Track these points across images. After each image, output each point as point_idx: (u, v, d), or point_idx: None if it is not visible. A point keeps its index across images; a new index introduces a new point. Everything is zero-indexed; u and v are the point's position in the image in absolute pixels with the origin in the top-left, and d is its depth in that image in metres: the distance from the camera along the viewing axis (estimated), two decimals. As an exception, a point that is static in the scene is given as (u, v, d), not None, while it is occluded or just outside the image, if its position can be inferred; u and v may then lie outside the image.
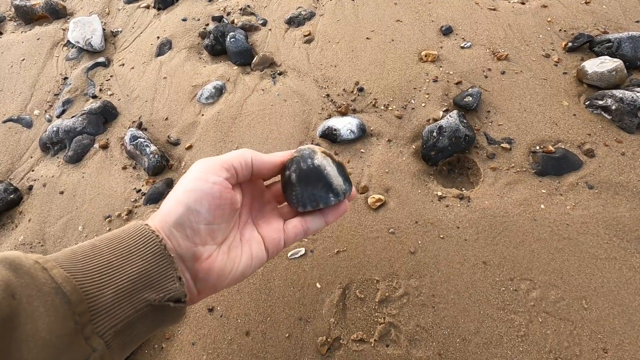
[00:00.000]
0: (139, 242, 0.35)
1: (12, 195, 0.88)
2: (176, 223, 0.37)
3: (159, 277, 0.34)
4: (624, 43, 0.84)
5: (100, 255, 0.33)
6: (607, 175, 0.71)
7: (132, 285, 0.32)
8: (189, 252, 0.37)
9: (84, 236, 0.79)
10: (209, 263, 0.38)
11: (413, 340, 0.59)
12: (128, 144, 0.89)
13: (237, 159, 0.41)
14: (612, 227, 0.66)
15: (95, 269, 0.31)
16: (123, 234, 0.35)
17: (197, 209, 0.37)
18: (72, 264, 0.31)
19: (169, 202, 0.38)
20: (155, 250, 0.34)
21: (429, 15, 1.04)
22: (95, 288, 0.30)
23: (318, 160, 0.43)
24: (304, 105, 0.91)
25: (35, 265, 0.29)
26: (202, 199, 0.37)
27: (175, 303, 0.34)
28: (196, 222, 0.37)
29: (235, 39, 1.04)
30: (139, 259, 0.34)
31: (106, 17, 1.30)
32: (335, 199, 0.43)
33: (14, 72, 1.18)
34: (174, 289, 0.34)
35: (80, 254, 0.32)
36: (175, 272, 0.35)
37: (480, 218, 0.69)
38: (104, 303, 0.30)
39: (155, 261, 0.34)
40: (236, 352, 0.61)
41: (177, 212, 0.37)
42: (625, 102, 0.75)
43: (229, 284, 0.40)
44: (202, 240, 0.38)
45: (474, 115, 0.83)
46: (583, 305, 0.59)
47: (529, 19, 0.98)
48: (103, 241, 0.34)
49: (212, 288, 0.39)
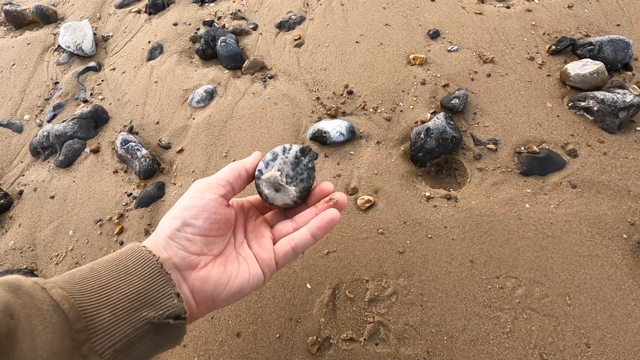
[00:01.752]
0: (136, 263, 0.35)
1: (2, 200, 0.87)
2: (172, 234, 0.38)
3: (157, 295, 0.34)
4: (605, 46, 0.86)
5: (98, 277, 0.33)
6: (590, 174, 0.73)
7: (130, 304, 0.33)
8: (184, 261, 0.38)
9: (75, 240, 0.79)
10: (206, 272, 0.39)
11: (402, 339, 0.60)
12: (119, 148, 0.89)
13: (231, 173, 0.43)
14: (594, 225, 0.67)
15: (93, 289, 0.32)
16: (120, 257, 0.36)
17: (193, 222, 0.39)
18: (70, 286, 0.31)
19: (166, 219, 0.40)
20: (153, 269, 0.35)
21: (416, 20, 1.06)
22: (93, 308, 0.31)
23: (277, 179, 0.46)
24: (294, 108, 0.92)
25: (35, 285, 0.30)
26: (198, 214, 0.39)
27: (175, 320, 0.35)
28: (192, 233, 0.39)
29: (226, 43, 1.05)
30: (136, 278, 0.34)
31: (97, 22, 1.31)
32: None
33: (4, 77, 1.18)
34: (172, 305, 0.34)
35: (79, 277, 0.33)
36: (173, 289, 0.35)
37: (467, 218, 0.70)
38: (102, 322, 0.31)
39: (152, 280, 0.35)
40: (227, 353, 0.61)
41: (173, 226, 0.38)
42: (607, 103, 0.77)
43: (227, 299, 0.40)
44: (197, 250, 0.39)
45: (460, 117, 0.84)
46: (567, 301, 0.61)
47: (513, 23, 1.01)
48: (101, 264, 0.35)
49: (210, 300, 0.39)
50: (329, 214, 0.43)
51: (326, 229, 0.43)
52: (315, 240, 0.44)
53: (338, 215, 0.43)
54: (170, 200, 0.81)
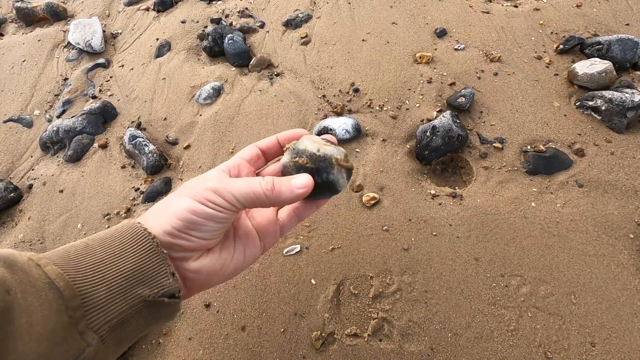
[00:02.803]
0: (132, 240, 0.35)
1: (12, 194, 0.89)
2: (170, 233, 0.36)
3: (153, 273, 0.34)
4: (614, 45, 0.86)
5: (93, 254, 0.33)
6: (597, 174, 0.73)
7: (126, 282, 0.33)
8: (177, 255, 0.37)
9: (83, 234, 0.80)
10: (199, 263, 0.38)
11: (406, 335, 0.60)
12: (127, 143, 0.90)
13: (255, 196, 0.37)
14: (600, 225, 0.67)
15: (88, 266, 0.32)
16: (116, 233, 0.35)
17: (196, 228, 0.36)
18: (65, 262, 0.31)
19: (166, 212, 0.36)
20: (148, 247, 0.35)
21: (423, 18, 1.06)
22: (88, 285, 0.31)
23: (333, 175, 0.40)
24: (300, 105, 0.92)
25: (29, 262, 0.30)
26: (204, 222, 0.36)
27: (170, 298, 0.35)
28: (193, 236, 0.36)
29: (233, 41, 1.06)
30: (131, 256, 0.34)
31: (106, 19, 1.32)
32: (334, 195, 0.42)
33: (15, 73, 1.20)
34: (167, 284, 0.34)
35: (74, 253, 0.33)
36: (168, 268, 0.35)
37: (473, 216, 0.70)
38: (97, 299, 0.31)
39: (148, 257, 0.34)
40: (232, 346, 0.62)
41: (173, 225, 0.36)
42: (615, 102, 0.77)
43: (220, 282, 0.40)
44: (194, 247, 0.37)
45: (467, 116, 0.84)
46: (572, 300, 0.60)
47: (521, 22, 1.00)
48: (96, 240, 0.35)
49: (202, 286, 0.39)
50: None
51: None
52: (317, 207, 0.44)
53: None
54: (177, 195, 0.82)
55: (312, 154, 0.39)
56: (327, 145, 0.40)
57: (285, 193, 0.38)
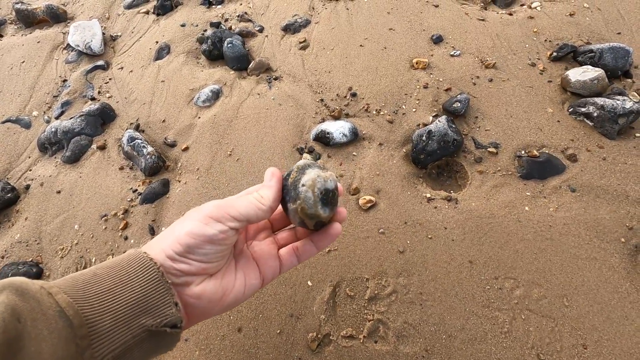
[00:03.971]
0: (137, 270, 0.36)
1: (9, 194, 0.89)
2: (172, 257, 0.37)
3: (157, 303, 0.35)
4: (606, 53, 0.88)
5: (101, 283, 0.34)
6: (589, 179, 0.74)
7: (131, 311, 0.33)
8: (179, 279, 0.37)
9: (80, 235, 0.80)
10: (201, 288, 0.38)
11: (401, 337, 0.60)
12: (125, 145, 0.91)
13: (255, 212, 0.39)
14: (592, 229, 0.68)
15: (95, 295, 0.33)
16: (122, 262, 0.36)
17: (196, 251, 0.37)
18: (74, 291, 0.32)
19: (170, 237, 0.38)
20: (154, 277, 0.35)
21: (420, 25, 1.07)
22: (95, 313, 0.31)
23: (314, 210, 0.40)
24: (298, 109, 0.93)
25: (41, 290, 0.30)
26: (203, 244, 0.37)
27: (172, 329, 0.35)
28: (193, 260, 0.37)
29: (232, 45, 1.07)
30: (137, 285, 0.35)
31: (106, 22, 1.33)
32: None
33: (14, 74, 1.20)
34: (170, 314, 0.35)
35: (82, 281, 0.33)
36: (172, 298, 0.36)
37: (467, 219, 0.71)
38: (103, 328, 0.31)
39: (152, 287, 0.35)
40: (228, 347, 0.62)
41: (175, 248, 0.37)
42: (607, 109, 0.78)
43: (220, 311, 0.40)
44: (195, 271, 0.38)
45: (462, 121, 0.86)
46: (564, 303, 0.61)
47: (516, 30, 1.02)
48: (103, 269, 0.35)
49: (202, 314, 0.39)
50: (333, 229, 0.43)
51: (329, 241, 0.44)
52: (318, 250, 0.45)
53: (340, 228, 0.44)
54: (174, 197, 0.83)
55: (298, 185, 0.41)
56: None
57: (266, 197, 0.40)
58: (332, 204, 0.41)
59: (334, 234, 0.43)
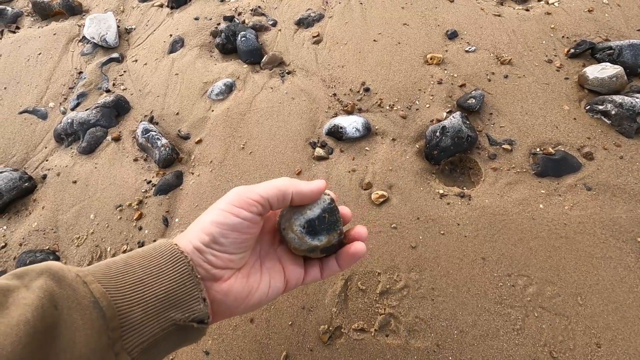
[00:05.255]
0: (169, 262, 0.36)
1: (27, 184, 0.91)
2: (199, 248, 0.37)
3: (186, 297, 0.35)
4: (625, 50, 0.86)
5: (133, 273, 0.34)
6: (605, 177, 0.73)
7: (161, 304, 0.33)
8: (208, 273, 0.38)
9: (96, 224, 0.82)
10: (228, 285, 0.39)
11: (412, 331, 0.61)
12: (140, 136, 0.92)
13: (276, 194, 0.39)
14: (608, 228, 0.67)
15: (127, 285, 0.33)
16: (154, 252, 0.37)
17: (221, 241, 0.38)
18: (107, 279, 0.32)
19: (196, 228, 0.38)
20: (184, 270, 0.36)
21: (435, 20, 1.06)
22: (126, 305, 0.32)
23: (306, 245, 0.41)
24: (311, 103, 0.93)
25: (77, 278, 0.31)
26: (228, 233, 0.37)
27: (199, 324, 0.35)
28: (219, 250, 0.38)
29: (245, 38, 1.07)
30: (167, 278, 0.35)
31: (121, 15, 1.34)
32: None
33: (31, 66, 1.22)
34: (198, 309, 0.35)
35: (115, 270, 0.34)
36: (200, 293, 0.36)
37: (480, 216, 0.71)
38: (134, 320, 0.32)
39: (182, 281, 0.35)
40: (241, 337, 0.63)
41: (201, 239, 0.37)
42: (625, 107, 0.77)
43: (243, 311, 0.41)
44: (223, 264, 0.39)
45: (476, 117, 0.85)
46: (578, 301, 0.61)
47: (532, 26, 1.01)
48: (135, 258, 0.36)
49: (227, 312, 0.39)
50: (354, 248, 0.43)
51: (352, 261, 0.44)
52: (342, 269, 0.45)
53: (362, 248, 0.43)
54: (188, 189, 0.84)
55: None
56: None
57: (303, 185, 0.40)
58: (327, 228, 0.41)
59: (354, 254, 0.43)
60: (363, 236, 0.44)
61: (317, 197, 0.42)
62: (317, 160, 0.83)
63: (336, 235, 0.42)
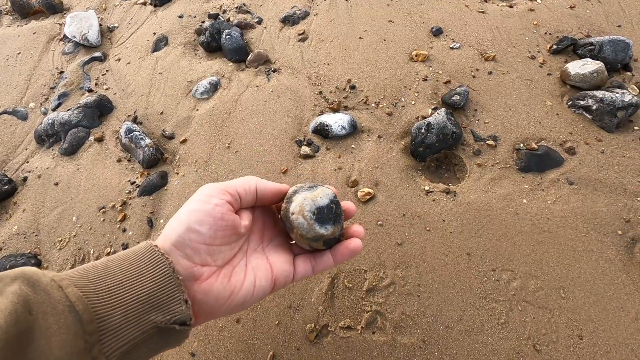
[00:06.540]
0: (149, 264, 0.35)
1: (7, 186, 0.88)
2: (176, 242, 0.37)
3: (167, 299, 0.34)
4: (606, 46, 0.87)
5: (112, 276, 0.33)
6: (587, 172, 0.74)
7: (141, 307, 0.33)
8: (187, 271, 0.37)
9: (78, 226, 0.80)
10: (208, 284, 0.38)
11: (398, 328, 0.61)
12: (123, 137, 0.90)
13: (242, 185, 0.42)
14: (590, 221, 0.68)
15: (106, 289, 0.32)
16: (134, 255, 0.36)
17: (197, 229, 0.38)
18: (84, 284, 0.32)
19: (172, 223, 0.39)
20: (164, 272, 0.35)
21: (420, 17, 1.07)
22: (105, 308, 0.31)
23: (313, 232, 0.41)
24: (297, 101, 0.93)
25: (52, 283, 0.30)
26: (203, 219, 0.38)
27: (181, 326, 0.35)
28: (196, 241, 0.38)
29: (230, 36, 1.06)
30: (147, 280, 0.34)
31: (103, 13, 1.31)
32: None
33: (10, 66, 1.19)
34: (180, 311, 0.34)
35: (93, 273, 0.33)
36: (182, 295, 0.35)
37: (465, 212, 0.71)
38: (112, 323, 0.31)
39: (163, 283, 0.34)
40: (227, 338, 0.62)
41: (177, 231, 0.37)
42: (605, 102, 0.78)
43: (227, 312, 0.40)
44: (201, 260, 0.38)
45: (461, 113, 0.85)
46: (561, 294, 0.62)
47: (516, 22, 1.02)
48: (115, 261, 0.35)
49: (209, 313, 0.39)
50: (353, 243, 0.43)
51: (349, 256, 0.44)
52: (335, 264, 0.45)
53: (360, 244, 0.43)
54: (173, 189, 0.82)
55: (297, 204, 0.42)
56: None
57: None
58: (334, 219, 0.41)
59: (353, 249, 0.43)
60: (361, 234, 0.44)
61: (280, 195, 0.44)
62: (304, 158, 0.83)
63: (339, 228, 0.42)
